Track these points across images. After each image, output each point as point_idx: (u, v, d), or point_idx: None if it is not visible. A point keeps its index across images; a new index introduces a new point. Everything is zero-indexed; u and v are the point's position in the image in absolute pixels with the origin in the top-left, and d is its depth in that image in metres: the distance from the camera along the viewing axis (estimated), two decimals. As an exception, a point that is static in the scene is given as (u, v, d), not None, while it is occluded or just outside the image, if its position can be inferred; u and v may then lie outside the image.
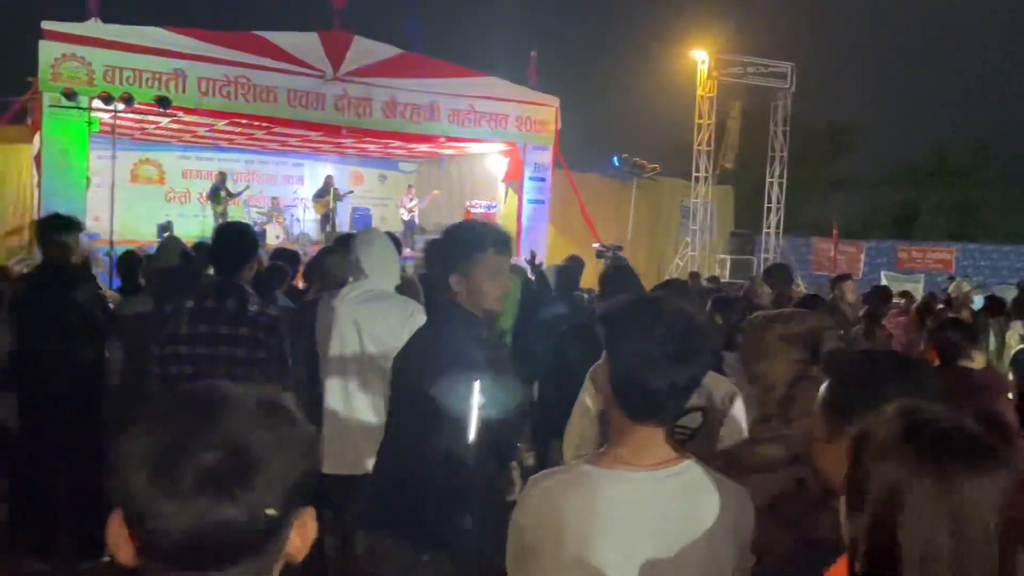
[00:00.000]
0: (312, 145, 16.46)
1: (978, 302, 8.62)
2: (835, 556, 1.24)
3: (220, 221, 14.89)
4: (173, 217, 15.76)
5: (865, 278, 19.04)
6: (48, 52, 11.20)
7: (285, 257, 5.20)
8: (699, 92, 17.76)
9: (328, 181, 16.30)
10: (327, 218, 16.05)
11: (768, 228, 19.07)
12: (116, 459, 0.90)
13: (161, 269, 4.12)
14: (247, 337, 3.18)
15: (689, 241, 17.98)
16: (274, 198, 16.83)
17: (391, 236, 3.82)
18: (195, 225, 15.50)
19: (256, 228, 14.79)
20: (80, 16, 12.36)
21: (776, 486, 1.89)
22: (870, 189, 31.41)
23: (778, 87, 18.30)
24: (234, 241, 3.36)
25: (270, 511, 0.89)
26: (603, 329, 1.64)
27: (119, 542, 0.92)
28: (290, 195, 17.48)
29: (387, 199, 18.50)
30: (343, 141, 15.58)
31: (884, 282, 17.16)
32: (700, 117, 17.92)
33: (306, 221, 16.94)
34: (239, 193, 15.31)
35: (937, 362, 3.88)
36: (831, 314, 5.18)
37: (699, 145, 18.00)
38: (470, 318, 2.37)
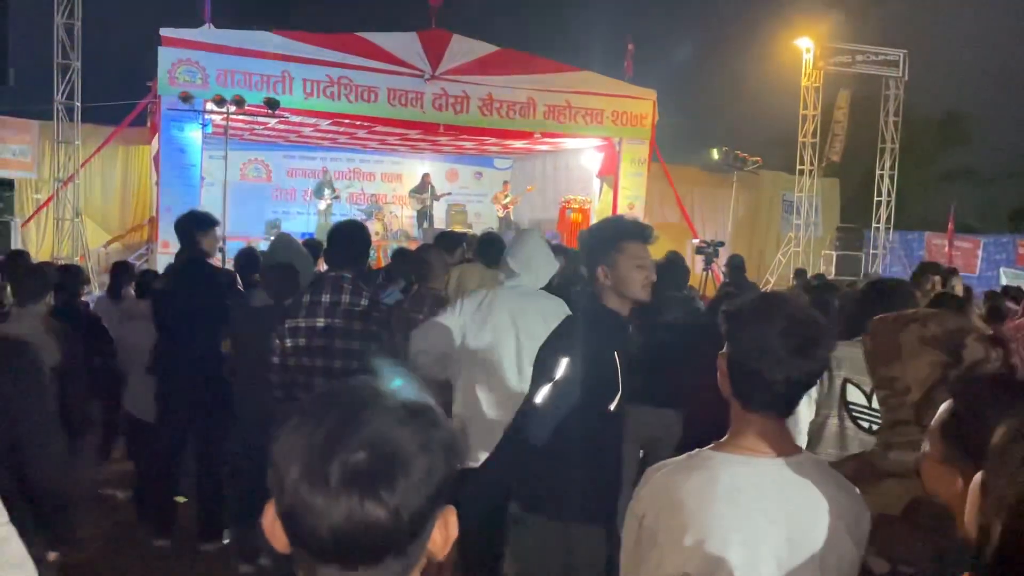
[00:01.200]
0: (410, 143, 16.77)
1: None
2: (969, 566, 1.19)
3: (322, 218, 15.39)
4: (279, 214, 16.37)
5: (983, 275, 17.97)
6: (166, 58, 11.80)
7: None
8: (804, 82, 17.13)
9: (425, 179, 16.59)
10: (424, 215, 16.33)
11: (878, 223, 18.24)
12: (271, 453, 0.92)
13: (277, 265, 4.27)
14: (360, 331, 3.26)
15: (793, 236, 17.39)
16: (374, 195, 17.24)
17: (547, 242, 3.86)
18: (300, 222, 16.04)
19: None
20: (195, 23, 12.98)
21: (911, 492, 1.82)
22: (987, 182, 29.63)
23: (889, 75, 17.45)
24: (349, 237, 3.45)
25: (414, 510, 0.90)
26: (726, 321, 1.68)
27: (273, 531, 0.94)
28: (389, 192, 17.88)
29: (483, 195, 18.67)
30: (440, 139, 15.81)
31: (1004, 279, 16.16)
32: (805, 108, 17.29)
33: (403, 218, 17.28)
34: (341, 191, 15.77)
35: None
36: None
37: (804, 137, 17.36)
38: (607, 313, 2.49)
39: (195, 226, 4.32)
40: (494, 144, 16.98)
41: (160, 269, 8.09)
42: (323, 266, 3.96)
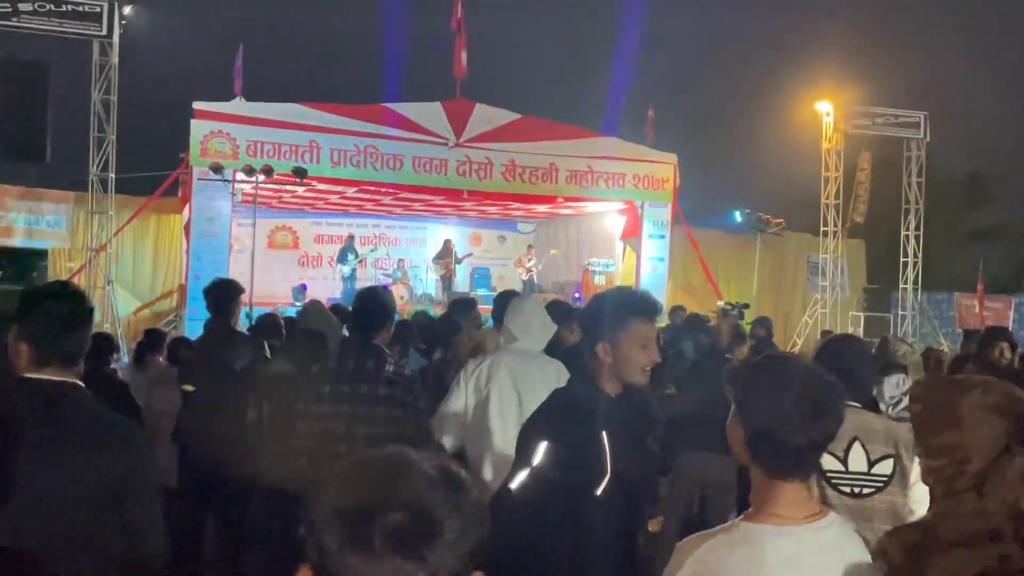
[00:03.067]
0: (435, 208, 17.00)
1: None
2: None
3: (347, 283, 15.54)
4: (307, 280, 16.56)
5: (1016, 334, 17.61)
6: (198, 130, 12.16)
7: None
8: (825, 144, 17.22)
9: (447, 245, 16.78)
10: (448, 279, 16.45)
11: (905, 283, 18.05)
12: (308, 519, 0.95)
13: (303, 330, 4.30)
14: (386, 396, 3.25)
15: (819, 298, 17.24)
16: (400, 260, 17.43)
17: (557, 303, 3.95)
18: (325, 287, 16.21)
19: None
20: (227, 96, 13.41)
21: (978, 563, 1.77)
22: (1017, 240, 29.31)
23: (911, 137, 17.51)
24: (373, 304, 3.47)
25: (451, 570, 0.92)
26: (735, 388, 1.68)
27: None
28: (414, 257, 18.07)
29: (506, 259, 18.79)
30: (464, 204, 16.02)
31: (1039, 340, 15.83)
32: (827, 170, 17.34)
33: (428, 282, 17.41)
34: (366, 255, 15.97)
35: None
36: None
37: (827, 199, 17.37)
38: (598, 393, 2.35)
39: (223, 294, 4.38)
40: (517, 208, 17.17)
41: (190, 335, 8.18)
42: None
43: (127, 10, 12.32)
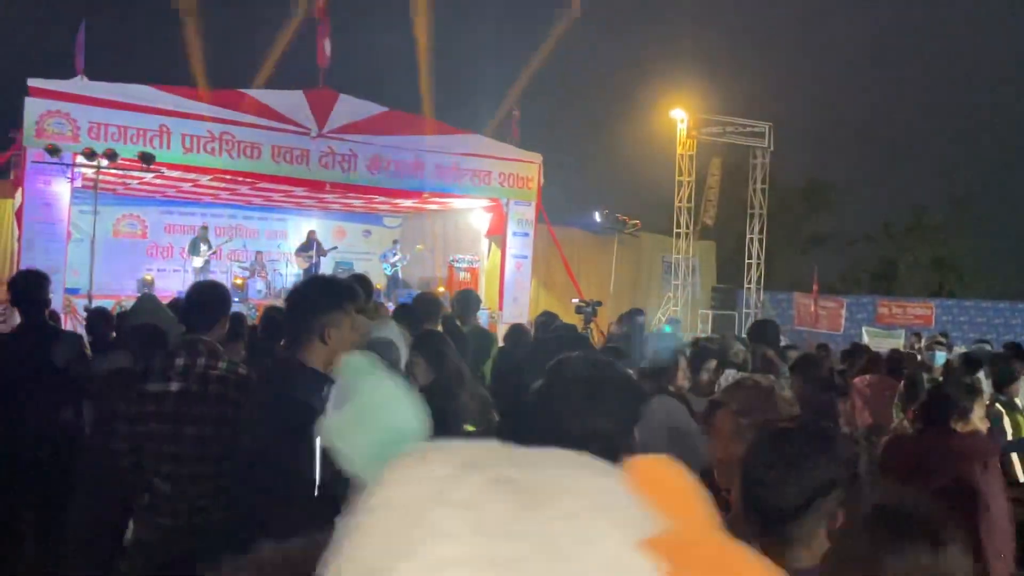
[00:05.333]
0: (296, 200, 16.56)
1: (939, 358, 8.60)
2: None
3: (198, 276, 14.87)
4: (155, 272, 15.72)
5: (847, 333, 19.15)
6: (33, 109, 11.29)
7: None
8: (679, 150, 18.09)
9: (311, 236, 16.38)
10: (309, 273, 16.05)
11: (749, 283, 19.24)
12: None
13: (136, 326, 4.10)
14: (217, 395, 3.16)
15: (672, 296, 18.08)
16: (258, 252, 16.84)
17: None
18: (177, 280, 15.44)
19: (239, 282, 14.78)
20: (67, 74, 12.50)
21: None
22: (849, 246, 31.86)
23: (756, 146, 18.67)
24: (206, 299, 3.36)
25: None
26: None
27: None
28: (274, 249, 17.51)
29: (371, 253, 18.55)
30: (327, 196, 15.70)
31: (866, 338, 17.27)
32: (680, 174, 18.21)
33: (288, 276, 16.93)
34: (219, 246, 15.33)
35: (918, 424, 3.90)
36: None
37: (680, 202, 18.25)
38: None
39: (31, 286, 4.09)
40: (383, 203, 17.00)
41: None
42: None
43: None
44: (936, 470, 3.43)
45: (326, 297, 2.47)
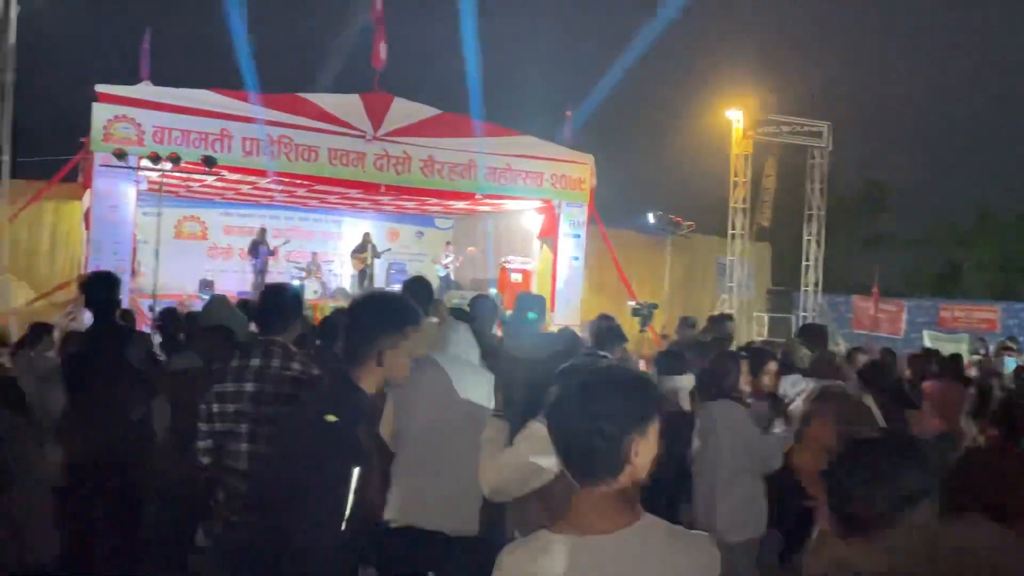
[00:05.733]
0: (351, 202, 16.77)
1: (1009, 364, 8.31)
2: None
3: (258, 277, 15.16)
4: (215, 273, 16.08)
5: (907, 337, 18.65)
6: (101, 114, 11.63)
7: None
8: (734, 150, 17.82)
9: (366, 238, 16.58)
10: (364, 274, 16.25)
11: (806, 286, 18.86)
12: None
13: (208, 327, 4.18)
14: (290, 396, 3.20)
15: (726, 299, 17.82)
16: (314, 253, 17.11)
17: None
18: (235, 280, 15.78)
19: (295, 283, 15.04)
20: (133, 80, 12.86)
21: None
22: (910, 247, 30.99)
23: (815, 145, 18.29)
24: (279, 301, 3.41)
25: None
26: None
27: None
28: (329, 251, 17.76)
29: (423, 255, 18.71)
30: (381, 198, 15.86)
31: (927, 342, 16.78)
32: (736, 175, 17.94)
33: (343, 276, 17.15)
34: (277, 248, 15.61)
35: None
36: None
37: (735, 203, 17.98)
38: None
39: (102, 288, 4.19)
40: (435, 204, 17.10)
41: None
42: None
43: (26, -12, 11.69)
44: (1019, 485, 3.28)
45: (386, 321, 2.45)
